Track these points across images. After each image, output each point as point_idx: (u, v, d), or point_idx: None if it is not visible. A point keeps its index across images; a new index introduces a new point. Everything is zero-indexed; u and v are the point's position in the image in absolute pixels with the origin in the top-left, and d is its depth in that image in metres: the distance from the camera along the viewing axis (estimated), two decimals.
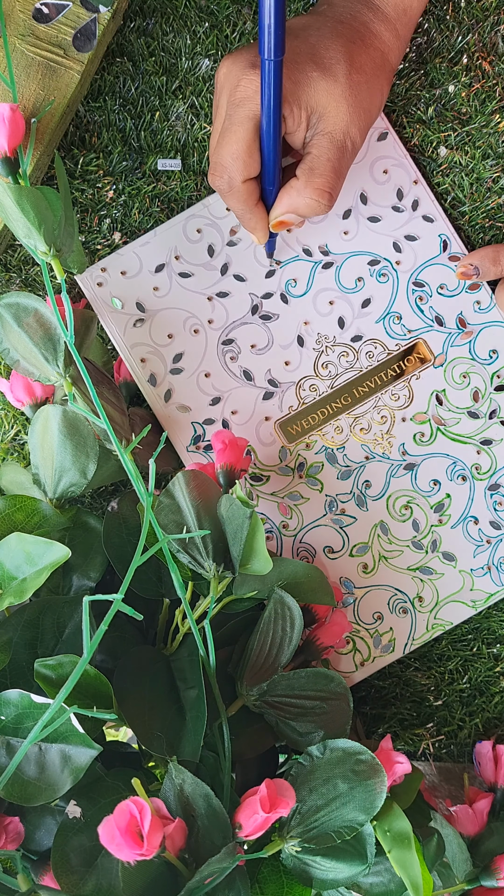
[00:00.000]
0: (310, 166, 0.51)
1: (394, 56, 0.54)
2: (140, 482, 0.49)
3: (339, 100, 0.50)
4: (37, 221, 0.49)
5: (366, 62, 0.52)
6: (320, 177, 0.51)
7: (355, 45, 0.52)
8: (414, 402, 0.61)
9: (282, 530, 0.61)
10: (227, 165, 0.51)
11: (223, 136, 0.50)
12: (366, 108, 0.51)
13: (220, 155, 0.51)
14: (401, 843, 0.49)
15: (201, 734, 0.48)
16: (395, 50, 0.54)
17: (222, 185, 0.52)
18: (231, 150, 0.50)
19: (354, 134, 0.51)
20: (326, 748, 0.50)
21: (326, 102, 0.50)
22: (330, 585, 0.56)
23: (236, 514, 0.50)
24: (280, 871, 0.52)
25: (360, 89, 0.51)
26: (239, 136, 0.50)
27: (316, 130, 0.51)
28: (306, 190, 0.51)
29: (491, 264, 0.59)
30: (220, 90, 0.52)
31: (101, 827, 0.42)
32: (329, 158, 0.51)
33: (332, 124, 0.50)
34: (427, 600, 0.61)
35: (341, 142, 0.51)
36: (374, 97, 0.52)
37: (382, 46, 0.53)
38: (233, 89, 0.50)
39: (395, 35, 0.54)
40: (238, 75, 0.50)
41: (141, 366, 0.61)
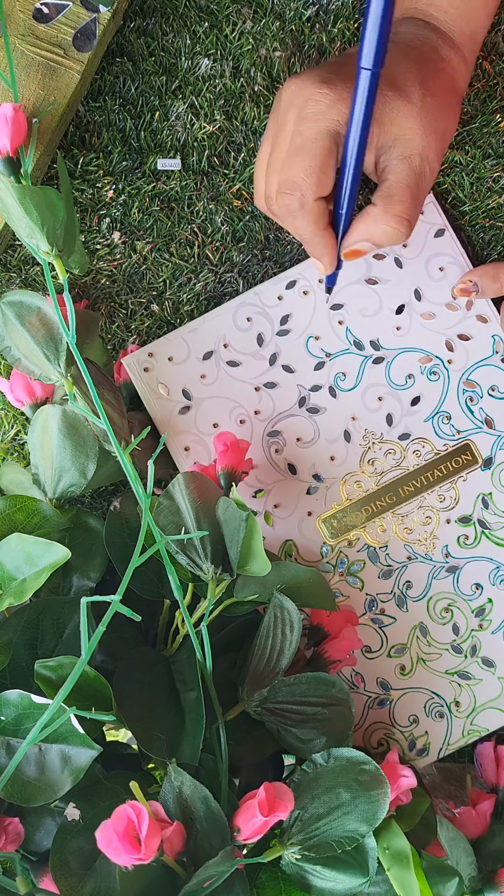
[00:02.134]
0: (388, 192, 0.49)
1: (462, 81, 0.53)
2: (139, 483, 0.49)
3: (414, 122, 0.48)
4: (40, 221, 0.49)
5: (438, 86, 0.50)
6: (399, 203, 0.48)
7: (427, 68, 0.50)
8: (460, 503, 0.60)
9: None
10: (300, 182, 0.48)
11: (294, 154, 0.48)
12: (441, 131, 0.49)
13: (292, 172, 0.48)
14: (400, 862, 0.49)
15: (200, 737, 0.48)
16: (463, 75, 0.53)
17: (293, 203, 0.49)
18: (304, 167, 0.48)
19: (432, 159, 0.49)
20: (330, 756, 0.49)
21: (402, 123, 0.48)
22: (331, 590, 0.56)
23: (233, 516, 0.50)
24: (279, 876, 0.51)
25: (435, 113, 0.49)
26: (313, 151, 0.47)
27: (392, 155, 0.48)
28: (385, 216, 0.49)
29: (491, 281, 0.59)
30: (286, 107, 0.49)
31: (99, 831, 0.42)
32: (408, 185, 0.48)
33: (409, 148, 0.48)
34: (464, 706, 0.61)
35: (419, 167, 0.49)
36: (448, 122, 0.50)
37: (452, 72, 0.52)
38: (303, 104, 0.48)
39: (463, 60, 0.52)
40: (310, 90, 0.47)
41: (184, 454, 0.60)
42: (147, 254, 0.62)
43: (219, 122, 0.60)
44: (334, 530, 0.61)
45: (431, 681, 0.61)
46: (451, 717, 0.61)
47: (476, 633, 0.61)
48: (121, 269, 0.62)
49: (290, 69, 0.60)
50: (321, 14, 0.59)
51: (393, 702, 0.61)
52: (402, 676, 0.61)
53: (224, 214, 0.61)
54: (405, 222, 0.49)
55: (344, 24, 0.59)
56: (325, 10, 0.59)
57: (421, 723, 0.61)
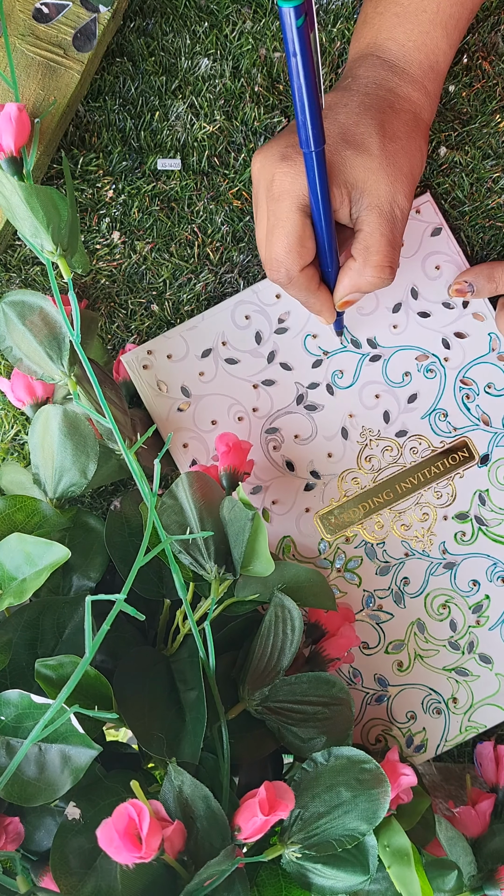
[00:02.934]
0: (364, 245, 0.51)
1: (426, 113, 0.54)
2: (144, 482, 0.49)
3: (377, 173, 0.50)
4: (45, 220, 0.49)
5: (398, 128, 0.51)
6: (377, 254, 0.51)
7: (385, 114, 0.51)
8: (456, 500, 0.61)
9: None
10: (283, 260, 0.51)
11: (271, 234, 0.50)
12: (406, 172, 0.51)
13: (273, 251, 0.51)
14: (400, 860, 0.49)
15: (201, 736, 0.48)
16: (426, 107, 0.54)
17: (281, 278, 0.52)
18: (283, 245, 0.50)
19: (402, 201, 0.51)
20: (331, 755, 0.49)
21: (365, 177, 0.50)
22: (331, 589, 0.56)
23: (238, 515, 0.50)
24: (279, 874, 0.51)
25: (398, 157, 0.50)
26: (287, 229, 0.50)
27: (361, 206, 0.50)
28: (366, 270, 0.51)
29: (486, 281, 0.59)
30: (255, 185, 0.52)
31: (100, 830, 0.42)
32: (382, 234, 0.50)
33: (376, 197, 0.50)
34: (462, 702, 0.61)
35: (389, 213, 0.50)
36: (414, 159, 0.52)
37: (413, 107, 0.53)
38: (269, 185, 0.50)
39: (425, 93, 0.53)
40: (271, 170, 0.50)
41: (183, 451, 0.60)
42: (147, 254, 0.62)
43: (219, 122, 0.60)
44: (332, 527, 0.61)
45: (429, 677, 0.61)
46: (448, 713, 0.61)
47: (473, 630, 0.61)
48: (121, 269, 0.62)
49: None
50: (321, 14, 0.60)
51: (391, 698, 0.61)
52: (400, 673, 0.61)
53: (224, 214, 0.61)
54: (386, 269, 0.51)
55: (344, 25, 0.59)
56: (325, 10, 0.60)
57: (418, 719, 0.61)
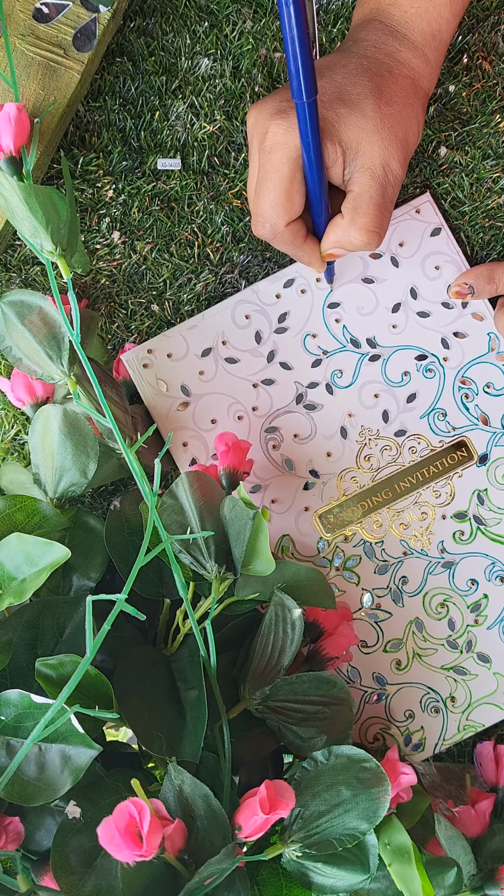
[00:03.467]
0: (353, 205, 0.51)
1: (426, 81, 0.54)
2: (145, 482, 0.49)
3: (370, 134, 0.50)
4: (44, 220, 0.49)
5: (395, 93, 0.51)
6: (364, 216, 0.51)
7: (382, 77, 0.51)
8: (455, 499, 0.61)
9: None
10: (267, 214, 0.51)
11: (259, 186, 0.50)
12: (401, 138, 0.51)
13: (259, 205, 0.51)
14: (401, 858, 0.49)
15: (201, 735, 0.48)
16: (426, 76, 0.53)
17: (266, 233, 0.52)
18: (269, 199, 0.50)
19: (395, 167, 0.51)
20: (331, 754, 0.49)
21: (359, 138, 0.49)
22: (331, 588, 0.56)
23: (239, 515, 0.50)
24: (279, 873, 0.51)
25: (393, 121, 0.50)
26: (274, 183, 0.50)
27: (355, 167, 0.50)
28: (351, 230, 0.51)
29: (485, 282, 0.59)
30: (250, 139, 0.52)
31: (101, 828, 0.42)
32: (371, 196, 0.50)
33: (369, 159, 0.50)
34: (460, 701, 0.61)
35: (382, 177, 0.50)
36: (410, 126, 0.51)
37: (412, 74, 0.53)
38: (261, 138, 0.50)
39: (425, 60, 0.53)
40: (265, 123, 0.50)
41: (183, 450, 0.60)
42: (147, 254, 0.62)
43: (219, 121, 0.60)
44: (331, 526, 0.61)
45: (427, 676, 0.61)
46: (446, 712, 0.61)
47: (472, 629, 0.61)
48: (121, 269, 0.62)
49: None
50: (321, 14, 0.60)
51: (389, 697, 0.61)
52: (398, 671, 0.61)
53: (224, 214, 0.61)
54: (371, 233, 0.51)
55: (344, 25, 0.59)
56: (326, 10, 0.60)
57: (416, 718, 0.61)
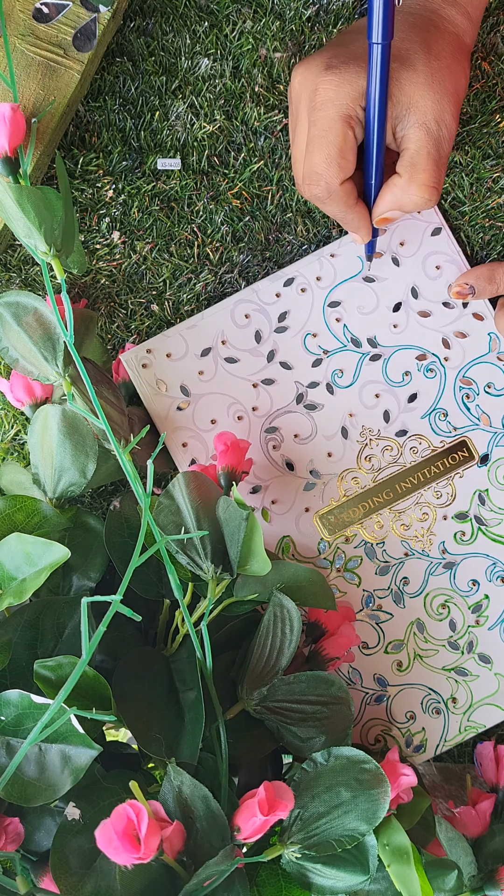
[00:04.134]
0: (411, 161, 0.50)
1: (468, 37, 0.53)
2: (138, 483, 0.49)
3: (423, 88, 0.49)
4: (37, 221, 0.49)
5: (443, 47, 0.51)
6: (423, 171, 0.50)
7: (429, 32, 0.51)
8: (456, 500, 0.61)
9: None
10: (322, 172, 0.50)
11: (312, 144, 0.50)
12: (451, 91, 0.50)
13: (313, 163, 0.50)
14: (400, 858, 0.49)
15: (199, 736, 0.48)
16: (468, 31, 0.53)
17: (320, 192, 0.51)
18: (324, 156, 0.49)
19: (448, 120, 0.50)
20: (331, 755, 0.49)
21: (412, 92, 0.49)
22: (331, 589, 0.56)
23: (233, 515, 0.50)
24: (279, 874, 0.51)
25: (443, 74, 0.50)
26: (329, 139, 0.49)
27: (407, 123, 0.50)
28: (411, 187, 0.50)
29: (486, 283, 0.59)
30: (297, 97, 0.51)
31: (98, 831, 0.42)
32: (429, 152, 0.50)
33: (423, 114, 0.49)
34: (461, 702, 0.61)
35: (436, 131, 0.50)
36: (459, 79, 0.51)
37: (456, 29, 0.52)
38: (311, 95, 0.49)
39: (467, 17, 0.53)
40: (314, 80, 0.49)
41: (182, 450, 0.60)
42: (147, 254, 0.62)
43: (219, 121, 0.60)
44: (331, 526, 0.61)
45: (428, 677, 0.61)
46: (447, 713, 0.61)
47: (473, 630, 0.61)
48: (120, 269, 0.62)
49: (290, 69, 0.60)
50: (321, 14, 0.59)
51: (390, 698, 0.61)
52: (399, 673, 0.61)
53: (224, 214, 0.61)
54: (431, 189, 0.50)
55: (344, 25, 0.59)
56: (326, 10, 0.60)
57: (418, 719, 0.61)
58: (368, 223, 0.54)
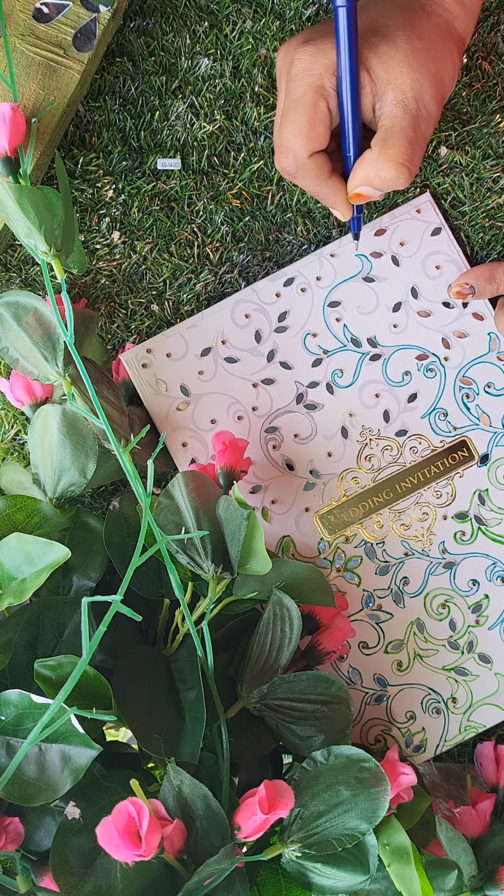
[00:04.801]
0: (383, 136, 0.49)
1: (460, 24, 0.52)
2: (138, 482, 0.49)
3: (402, 64, 0.48)
4: (37, 221, 0.49)
5: (428, 29, 0.49)
6: (394, 147, 0.48)
7: (415, 14, 0.50)
8: (456, 500, 0.61)
9: None
10: (290, 143, 0.49)
11: (283, 116, 0.49)
12: (434, 74, 0.49)
13: (282, 135, 0.49)
14: (400, 858, 0.49)
15: (200, 735, 0.48)
16: (461, 18, 0.52)
17: (289, 165, 0.50)
18: (292, 127, 0.48)
19: (428, 101, 0.49)
20: (331, 754, 0.49)
21: (390, 67, 0.48)
22: (330, 586, 0.56)
23: (234, 514, 0.50)
24: (279, 873, 0.51)
25: (425, 55, 0.48)
26: (299, 110, 0.48)
27: (385, 100, 0.49)
28: (380, 161, 0.49)
29: (486, 283, 0.59)
30: (279, 73, 0.51)
31: (100, 828, 0.42)
32: (403, 128, 0.48)
33: (401, 92, 0.48)
34: (461, 702, 0.61)
35: (414, 110, 0.48)
36: (444, 64, 0.50)
37: (445, 14, 0.51)
38: (289, 67, 0.48)
39: (461, 4, 0.51)
40: (291, 54, 0.48)
41: (182, 450, 0.60)
42: (147, 254, 0.62)
43: (219, 121, 0.60)
44: (331, 526, 0.61)
45: (428, 677, 0.61)
46: (447, 713, 0.61)
47: (473, 630, 0.61)
48: (120, 269, 0.62)
49: None
50: (321, 14, 0.60)
51: (390, 698, 0.61)
52: (399, 672, 0.61)
53: (224, 214, 0.61)
54: (401, 167, 0.49)
55: None
56: (325, 10, 0.60)
57: (418, 719, 0.61)
58: (345, 197, 0.52)
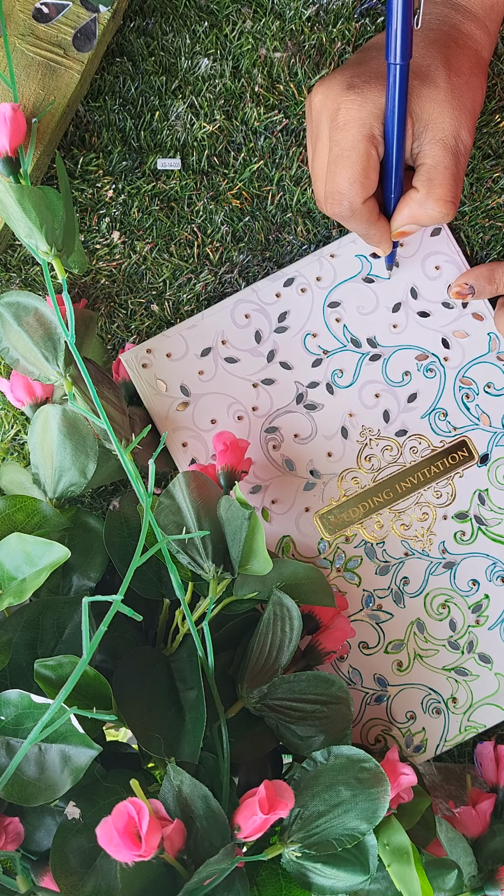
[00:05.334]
0: (428, 176, 0.51)
1: (486, 52, 0.54)
2: (140, 482, 0.49)
3: (442, 105, 0.50)
4: (38, 221, 0.49)
5: (462, 63, 0.51)
6: (440, 186, 0.51)
7: (449, 48, 0.51)
8: (456, 500, 0.61)
9: None
10: (345, 191, 0.50)
11: (335, 164, 0.50)
12: (469, 107, 0.51)
13: (337, 183, 0.50)
14: (400, 858, 0.49)
15: (200, 735, 0.48)
16: (486, 46, 0.54)
17: (343, 211, 0.51)
18: (347, 176, 0.50)
19: (465, 136, 0.51)
20: (331, 754, 0.49)
21: (431, 109, 0.50)
22: (330, 586, 0.56)
23: (235, 515, 0.50)
24: (279, 873, 0.51)
25: (462, 91, 0.50)
26: (353, 159, 0.49)
27: (424, 140, 0.50)
28: (428, 202, 0.51)
29: (486, 283, 0.59)
30: (317, 117, 0.51)
31: (100, 828, 0.42)
32: (446, 167, 0.50)
33: (440, 130, 0.50)
34: (461, 702, 0.61)
35: (454, 147, 0.50)
36: (476, 95, 0.52)
37: (475, 45, 0.53)
38: (333, 114, 0.50)
39: (486, 31, 0.53)
40: (336, 99, 0.49)
41: (182, 450, 0.60)
42: (147, 254, 0.62)
43: (219, 121, 0.60)
44: (331, 526, 0.61)
45: (428, 677, 0.61)
46: (448, 713, 0.61)
47: (473, 630, 0.61)
48: (120, 269, 0.62)
49: (290, 69, 0.60)
50: (321, 14, 0.60)
51: (390, 698, 0.61)
52: (400, 673, 0.61)
53: (224, 214, 0.61)
54: (448, 203, 0.51)
55: (344, 25, 0.59)
56: (326, 10, 0.60)
57: (418, 719, 0.61)
58: (389, 237, 0.54)
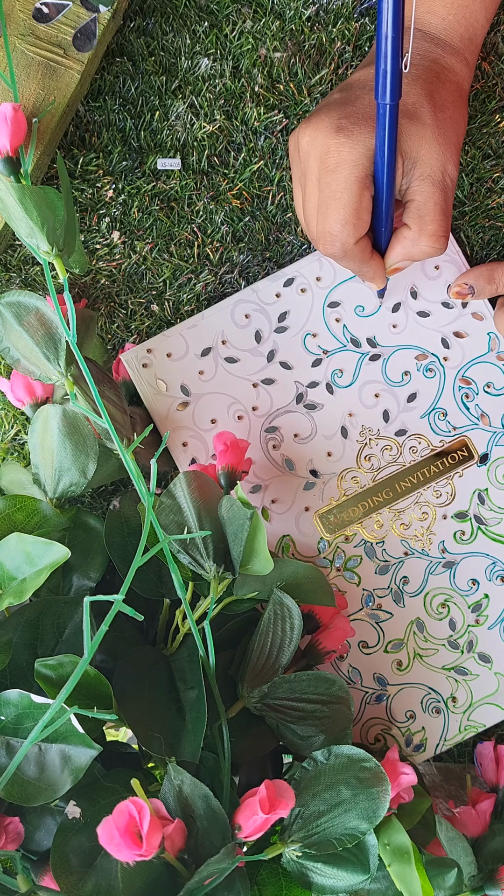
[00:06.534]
0: (419, 213, 0.51)
1: (466, 83, 0.54)
2: (141, 482, 0.49)
3: (430, 142, 0.50)
4: (39, 220, 0.49)
5: (446, 98, 0.52)
6: (432, 223, 0.51)
7: (432, 84, 0.52)
8: (456, 499, 0.61)
9: None
10: (337, 233, 0.51)
11: (326, 206, 0.50)
12: (454, 141, 0.51)
13: (329, 224, 0.51)
14: (400, 858, 0.49)
15: (201, 735, 0.48)
16: (467, 78, 0.54)
17: (335, 251, 0.52)
18: (339, 217, 0.50)
19: (451, 170, 0.51)
20: (331, 754, 0.49)
21: (419, 146, 0.50)
22: (330, 586, 0.56)
23: (237, 514, 0.50)
24: (279, 873, 0.51)
25: (447, 126, 0.51)
26: (344, 201, 0.50)
27: (413, 176, 0.50)
28: (421, 239, 0.52)
29: (486, 283, 0.59)
30: (305, 158, 0.52)
31: (100, 827, 0.42)
32: (436, 202, 0.51)
33: (429, 167, 0.50)
34: (461, 701, 0.61)
35: (442, 182, 0.51)
36: (460, 128, 0.52)
37: (456, 78, 0.53)
38: (323, 157, 0.50)
39: (465, 64, 0.54)
40: (325, 142, 0.50)
41: (182, 450, 0.60)
42: (147, 254, 0.62)
43: (219, 121, 0.60)
44: (331, 526, 0.61)
45: (428, 676, 0.61)
46: (447, 712, 0.61)
47: (473, 629, 0.61)
48: (121, 269, 0.62)
49: (290, 69, 0.60)
50: (321, 14, 0.60)
51: (390, 697, 0.61)
52: (399, 672, 0.61)
53: (224, 214, 0.61)
54: (441, 238, 0.52)
55: (344, 25, 0.59)
56: (325, 10, 0.60)
57: (418, 718, 0.61)
58: (383, 273, 0.55)
